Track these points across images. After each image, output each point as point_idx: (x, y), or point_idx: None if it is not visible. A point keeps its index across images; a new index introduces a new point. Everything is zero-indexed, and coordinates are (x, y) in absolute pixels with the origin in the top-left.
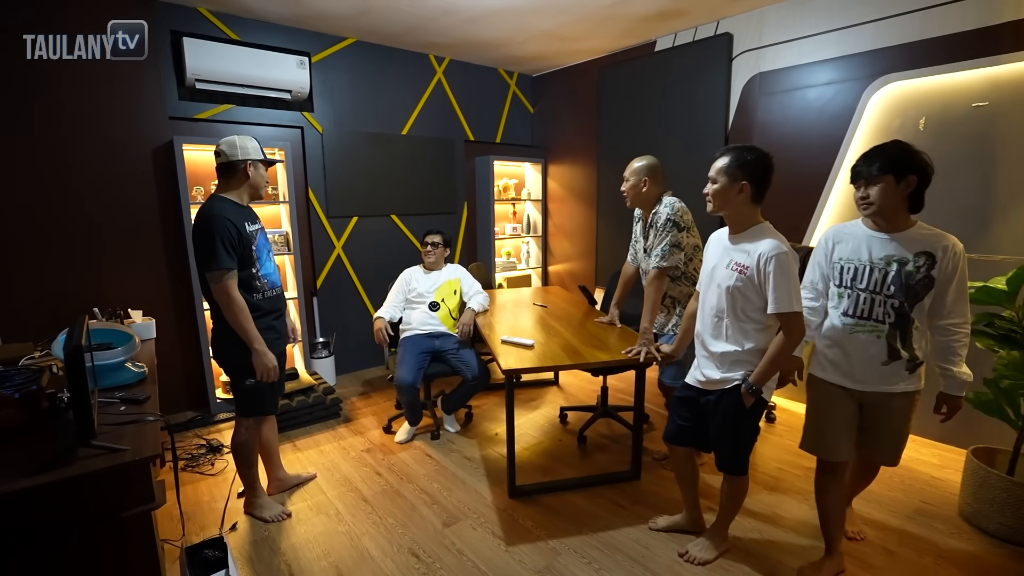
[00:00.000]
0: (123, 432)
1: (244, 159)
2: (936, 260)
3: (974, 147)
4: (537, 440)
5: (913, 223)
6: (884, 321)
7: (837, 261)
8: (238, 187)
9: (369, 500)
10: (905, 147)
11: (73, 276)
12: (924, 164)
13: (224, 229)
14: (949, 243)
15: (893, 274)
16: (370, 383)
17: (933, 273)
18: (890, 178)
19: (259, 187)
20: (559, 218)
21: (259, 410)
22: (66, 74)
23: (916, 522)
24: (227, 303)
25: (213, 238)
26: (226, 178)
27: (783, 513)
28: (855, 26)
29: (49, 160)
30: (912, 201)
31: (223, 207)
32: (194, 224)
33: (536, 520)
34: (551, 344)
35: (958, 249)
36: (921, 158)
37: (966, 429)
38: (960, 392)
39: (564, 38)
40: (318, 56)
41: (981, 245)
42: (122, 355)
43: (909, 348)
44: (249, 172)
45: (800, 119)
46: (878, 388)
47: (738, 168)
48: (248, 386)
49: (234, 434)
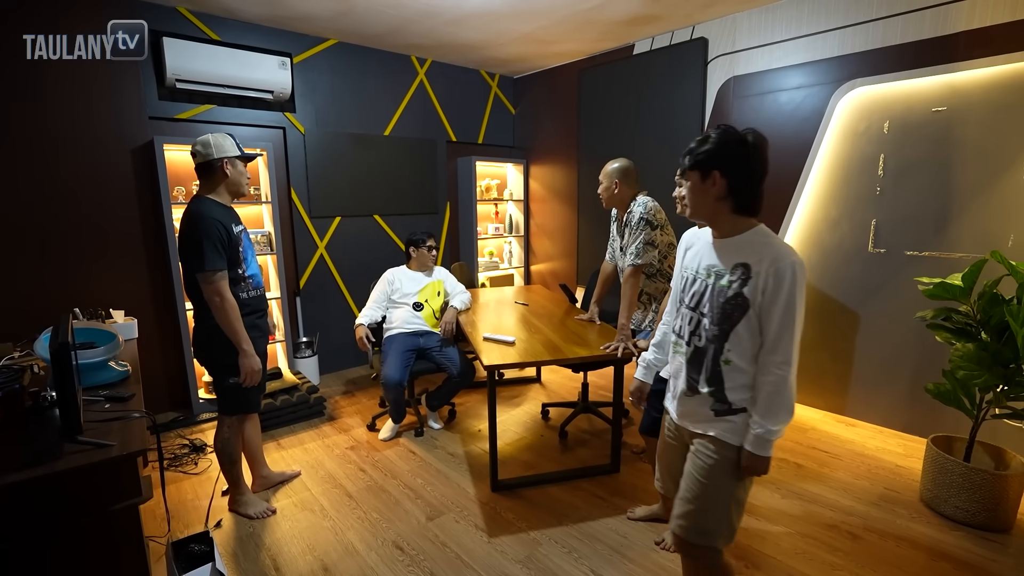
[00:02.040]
0: (109, 428)
1: (220, 157)
2: (751, 275)
3: (934, 150)
4: (519, 436)
5: (747, 227)
6: (691, 343)
7: (682, 269)
8: (218, 186)
9: (353, 496)
10: (722, 135)
11: (52, 277)
12: (741, 156)
13: (214, 230)
14: (777, 257)
15: (709, 289)
16: (353, 382)
17: (745, 291)
18: (695, 174)
19: (239, 184)
20: (541, 218)
21: (242, 408)
22: (44, 73)
23: (880, 508)
24: (219, 304)
25: (203, 239)
26: (206, 178)
27: (757, 502)
28: (823, 32)
29: (27, 160)
30: (736, 201)
31: (210, 208)
32: (181, 225)
33: (518, 512)
34: (532, 341)
35: (789, 269)
36: (737, 149)
37: (928, 419)
38: (760, 451)
39: (544, 41)
40: (300, 57)
41: (941, 243)
42: (105, 354)
43: (714, 384)
44: (227, 170)
45: (772, 121)
46: (681, 421)
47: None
48: (231, 384)
49: (217, 432)
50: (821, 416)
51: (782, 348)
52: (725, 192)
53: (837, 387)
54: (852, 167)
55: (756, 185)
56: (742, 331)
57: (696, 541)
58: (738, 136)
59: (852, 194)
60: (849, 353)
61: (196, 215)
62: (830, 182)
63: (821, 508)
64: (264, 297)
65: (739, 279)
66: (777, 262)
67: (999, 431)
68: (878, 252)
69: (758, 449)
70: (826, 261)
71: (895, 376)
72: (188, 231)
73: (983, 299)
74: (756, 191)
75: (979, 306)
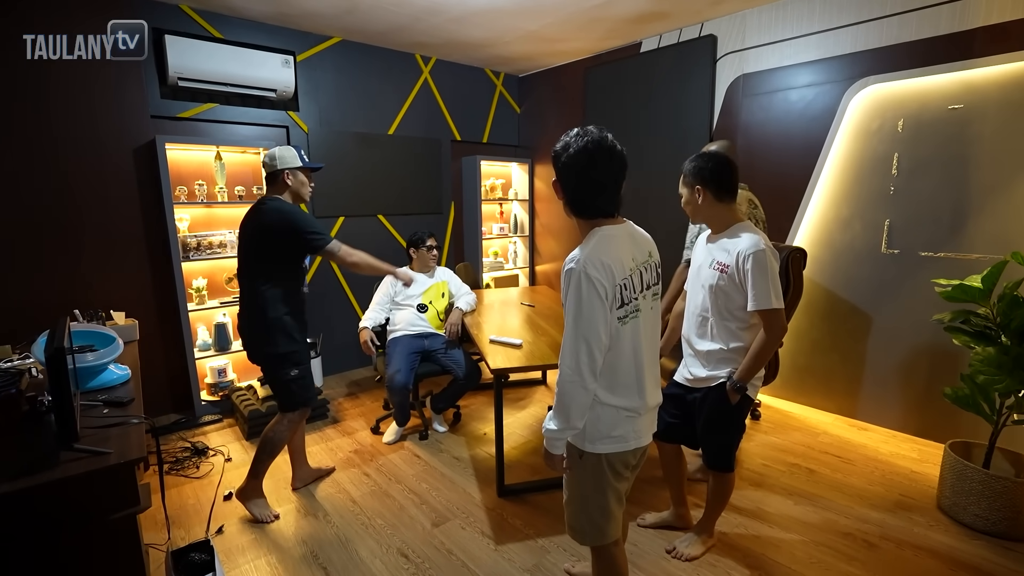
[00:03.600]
0: (107, 435)
1: (282, 168)
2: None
3: (950, 148)
4: (525, 439)
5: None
6: None
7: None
8: (282, 192)
9: (357, 501)
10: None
11: (53, 277)
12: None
13: (305, 215)
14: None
15: None
16: (357, 384)
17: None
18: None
19: (300, 192)
20: (546, 218)
21: (303, 401)
22: (44, 72)
23: (896, 515)
24: (353, 261)
25: (306, 220)
26: (272, 186)
27: (768, 509)
28: (835, 29)
29: (27, 160)
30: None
31: (286, 202)
32: (260, 222)
33: (525, 519)
34: (539, 343)
35: (571, 267)
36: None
37: (943, 423)
38: (551, 449)
39: (549, 39)
40: (303, 55)
41: (956, 244)
42: (105, 357)
43: None
44: (288, 180)
45: (783, 120)
46: None
47: (689, 176)
48: (293, 377)
49: (275, 424)
50: (832, 419)
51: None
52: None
53: (848, 389)
54: (864, 166)
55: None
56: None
57: (572, 538)
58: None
59: (864, 193)
60: (860, 355)
61: (280, 208)
62: (842, 181)
63: (835, 515)
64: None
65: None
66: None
67: (1019, 437)
68: (891, 253)
69: (545, 443)
70: (837, 261)
71: (908, 379)
72: (277, 222)
73: (1003, 302)
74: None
75: (999, 309)
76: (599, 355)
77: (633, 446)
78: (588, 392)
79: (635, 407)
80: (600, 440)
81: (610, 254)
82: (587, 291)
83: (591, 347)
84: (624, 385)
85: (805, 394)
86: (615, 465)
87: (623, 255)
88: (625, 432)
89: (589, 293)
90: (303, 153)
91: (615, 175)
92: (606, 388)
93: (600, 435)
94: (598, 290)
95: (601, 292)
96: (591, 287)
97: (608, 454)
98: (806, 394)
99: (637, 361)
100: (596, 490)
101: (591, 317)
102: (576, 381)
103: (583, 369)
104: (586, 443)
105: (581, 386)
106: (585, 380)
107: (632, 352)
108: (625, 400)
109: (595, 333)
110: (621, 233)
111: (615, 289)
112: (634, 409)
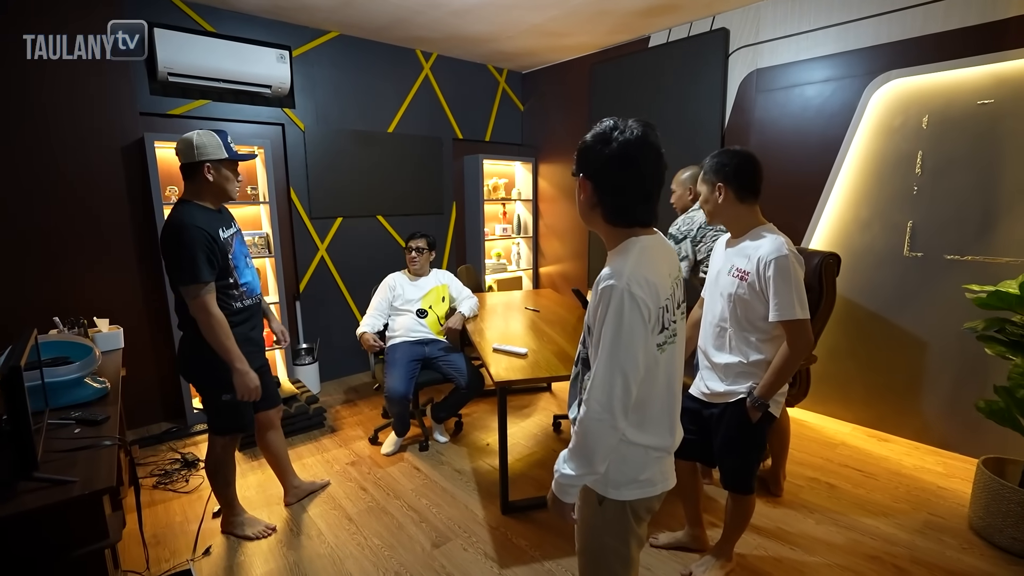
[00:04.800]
0: (74, 459)
1: (203, 160)
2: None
3: (978, 145)
4: (530, 450)
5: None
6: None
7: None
8: (203, 190)
9: (353, 519)
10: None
11: (37, 282)
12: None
13: (199, 239)
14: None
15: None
16: (355, 390)
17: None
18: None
19: (225, 190)
20: (550, 218)
21: (237, 427)
22: (28, 68)
23: (926, 536)
24: (205, 319)
25: (186, 249)
26: (189, 181)
27: (789, 528)
28: (855, 21)
29: (8, 159)
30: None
31: (192, 214)
32: (163, 234)
33: (530, 539)
34: (544, 351)
35: (611, 284)
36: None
37: (973, 437)
38: (563, 496)
39: (554, 33)
40: (299, 50)
41: (985, 247)
42: (79, 371)
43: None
44: (211, 175)
45: (799, 117)
46: None
47: (709, 172)
48: (225, 401)
49: (209, 453)
50: (850, 429)
51: (595, 385)
52: None
53: (866, 398)
54: (886, 165)
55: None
56: (593, 356)
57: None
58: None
59: (885, 194)
60: (879, 362)
61: (177, 224)
62: (861, 181)
63: (860, 536)
64: (260, 306)
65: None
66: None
67: None
68: (914, 256)
69: (555, 488)
70: (855, 265)
71: (931, 388)
72: (169, 241)
73: None
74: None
75: None
76: (635, 389)
77: (660, 490)
78: (617, 433)
79: (665, 445)
80: (625, 485)
81: (653, 270)
82: (630, 313)
83: (628, 381)
84: (655, 421)
85: (820, 402)
86: (639, 511)
87: (663, 271)
88: (653, 475)
89: (632, 316)
90: (229, 140)
91: (660, 178)
92: (635, 425)
93: (626, 479)
94: (642, 312)
95: (645, 314)
96: (635, 309)
97: (633, 501)
98: (821, 402)
99: (671, 392)
100: (618, 539)
101: (631, 345)
102: (605, 420)
103: (615, 407)
104: (609, 488)
105: (611, 426)
106: (616, 419)
107: (667, 383)
108: (655, 438)
109: (634, 364)
110: (658, 245)
111: (658, 312)
112: (664, 448)
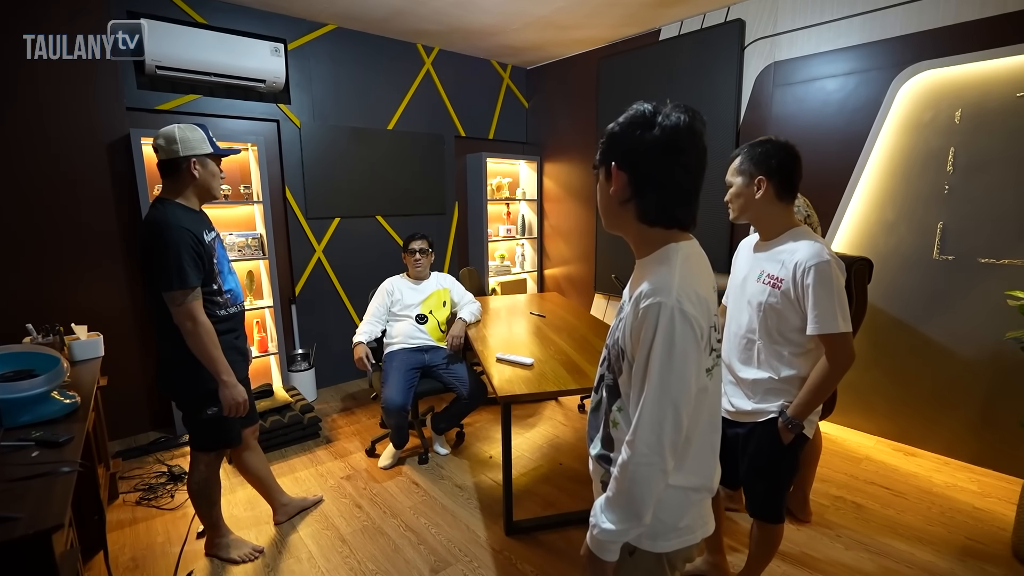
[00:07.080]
0: (25, 489)
1: (187, 155)
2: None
3: (1016, 141)
4: (535, 464)
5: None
6: (598, 390)
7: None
8: (185, 189)
9: (347, 540)
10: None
11: (15, 286)
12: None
13: (185, 240)
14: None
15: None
16: (353, 397)
17: (618, 334)
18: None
19: (210, 188)
20: (556, 219)
21: (223, 442)
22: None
23: (966, 564)
24: (192, 328)
25: (171, 252)
26: (170, 178)
27: (815, 554)
28: (882, 9)
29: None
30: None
31: (176, 213)
32: (143, 235)
33: (536, 564)
34: (551, 362)
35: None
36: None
37: (1006, 451)
38: (594, 548)
39: (561, 26)
40: (295, 43)
41: (1022, 249)
42: (43, 384)
43: (606, 447)
44: (196, 171)
45: (819, 113)
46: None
47: (749, 163)
48: (209, 416)
49: (191, 472)
50: (874, 442)
51: (640, 422)
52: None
53: (890, 410)
54: (914, 163)
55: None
56: (625, 383)
57: None
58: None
59: (913, 193)
60: (905, 372)
61: (161, 223)
62: (887, 180)
63: (894, 563)
64: (243, 315)
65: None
66: (643, 298)
67: None
68: (944, 259)
69: (592, 544)
70: (880, 269)
71: (962, 400)
72: (151, 243)
73: None
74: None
75: None
76: (686, 424)
77: (700, 537)
78: (667, 477)
79: (708, 486)
80: (663, 535)
81: (702, 283)
82: (682, 335)
83: (679, 414)
84: (699, 457)
85: (840, 413)
86: (676, 563)
87: (709, 284)
88: (693, 521)
89: (684, 338)
90: (211, 134)
91: (703, 174)
92: (675, 464)
93: (665, 528)
94: (695, 332)
95: (698, 334)
96: (687, 329)
97: (670, 552)
98: (841, 413)
99: (712, 424)
100: None
101: (684, 372)
102: (655, 464)
103: (665, 446)
104: (643, 538)
105: (660, 469)
106: (666, 461)
107: (710, 412)
108: (697, 478)
109: (687, 394)
110: (700, 254)
111: (709, 331)
112: (707, 488)
